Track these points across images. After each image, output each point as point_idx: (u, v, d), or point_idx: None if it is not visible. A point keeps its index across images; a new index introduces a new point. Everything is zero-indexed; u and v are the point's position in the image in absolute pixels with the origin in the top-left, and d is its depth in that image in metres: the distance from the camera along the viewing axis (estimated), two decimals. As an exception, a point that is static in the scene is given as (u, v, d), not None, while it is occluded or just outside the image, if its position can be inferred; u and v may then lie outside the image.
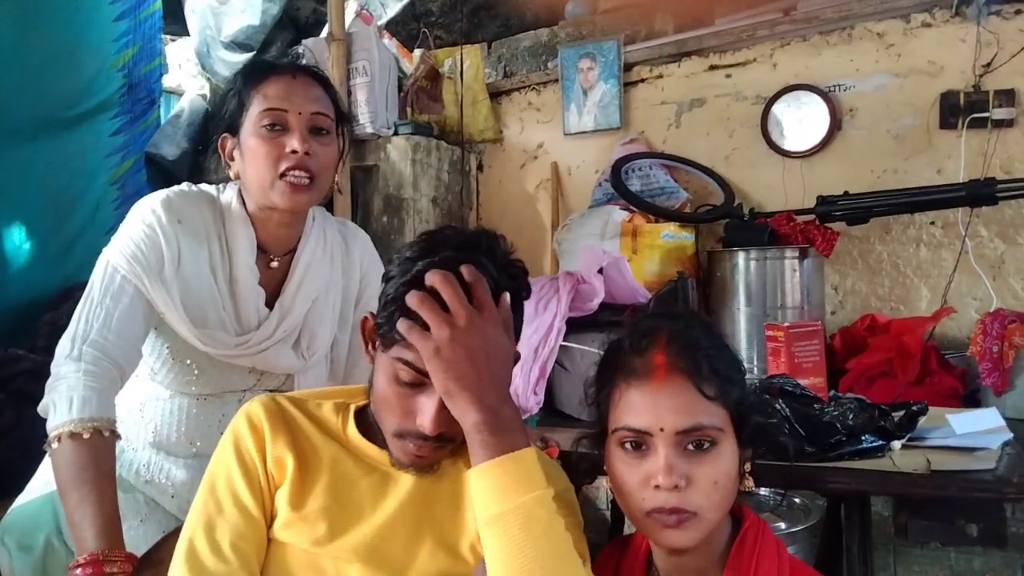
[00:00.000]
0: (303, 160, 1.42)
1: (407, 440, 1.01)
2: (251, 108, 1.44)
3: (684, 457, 0.98)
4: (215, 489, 1.05)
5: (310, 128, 1.45)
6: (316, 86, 1.49)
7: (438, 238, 1.03)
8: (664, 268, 2.65)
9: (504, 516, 0.90)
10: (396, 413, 1.01)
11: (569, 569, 0.91)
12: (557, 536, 0.91)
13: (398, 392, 1.00)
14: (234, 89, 1.47)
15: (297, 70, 1.48)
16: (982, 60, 2.60)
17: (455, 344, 0.92)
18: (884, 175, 2.76)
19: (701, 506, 0.97)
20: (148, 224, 1.44)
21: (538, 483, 0.92)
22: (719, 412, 0.99)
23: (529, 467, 0.92)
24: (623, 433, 1.01)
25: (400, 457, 1.04)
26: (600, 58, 3.19)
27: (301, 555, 1.02)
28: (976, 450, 1.32)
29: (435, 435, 0.99)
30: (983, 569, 2.49)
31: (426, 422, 0.98)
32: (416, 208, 3.15)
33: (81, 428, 1.26)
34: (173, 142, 3.40)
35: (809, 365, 1.55)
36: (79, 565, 1.15)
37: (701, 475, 0.97)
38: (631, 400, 1.00)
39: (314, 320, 1.59)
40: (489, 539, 0.90)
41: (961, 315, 2.61)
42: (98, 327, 1.36)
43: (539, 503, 0.90)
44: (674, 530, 0.98)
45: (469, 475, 0.94)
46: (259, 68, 1.50)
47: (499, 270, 1.01)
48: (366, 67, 3.18)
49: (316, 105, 1.46)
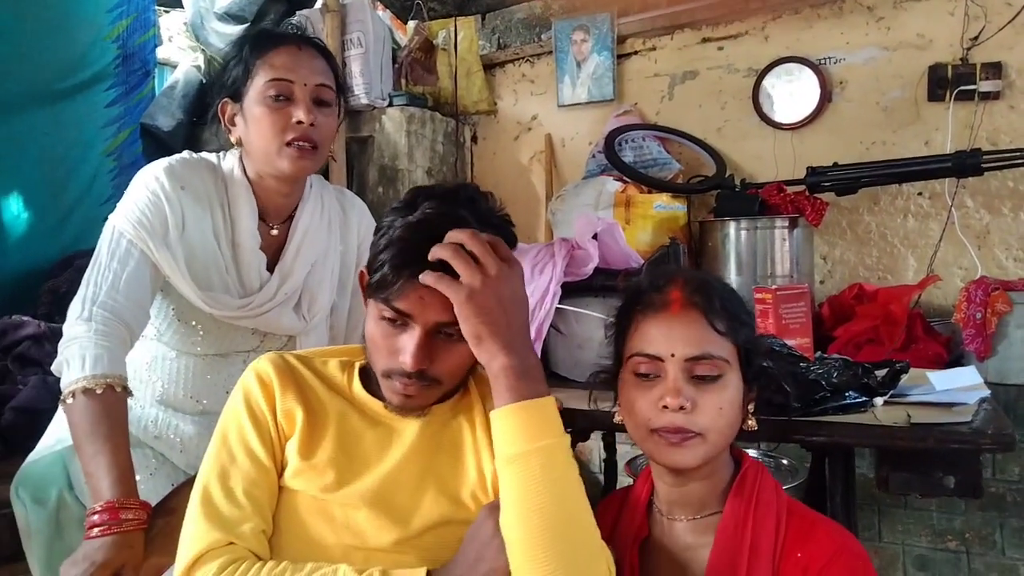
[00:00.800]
0: (307, 131, 1.46)
1: (394, 379, 1.06)
2: (257, 77, 1.47)
3: (692, 383, 1.05)
4: (227, 440, 1.09)
5: (314, 99, 1.48)
6: (320, 58, 1.53)
7: (420, 192, 1.07)
8: (657, 238, 2.69)
9: (526, 456, 0.94)
10: (382, 353, 1.05)
11: (582, 511, 0.96)
12: (573, 480, 0.96)
13: (383, 331, 1.04)
14: (239, 56, 1.50)
15: (303, 42, 1.52)
16: (970, 33, 2.64)
17: (487, 291, 0.96)
18: (873, 147, 2.80)
19: (705, 427, 1.04)
20: (152, 191, 1.47)
21: (558, 430, 0.97)
22: (727, 346, 1.06)
23: (551, 414, 0.97)
24: (637, 359, 1.08)
25: (391, 398, 1.08)
26: (593, 30, 3.21)
27: (311, 502, 1.06)
28: (954, 405, 1.37)
29: (416, 371, 1.02)
30: (963, 528, 2.57)
31: (407, 358, 1.02)
32: (411, 179, 3.18)
33: (94, 384, 1.30)
34: (168, 113, 3.40)
35: (796, 326, 1.60)
36: (96, 512, 1.20)
37: (706, 400, 1.04)
38: (646, 329, 1.08)
39: (314, 283, 1.63)
40: (508, 476, 0.95)
41: (947, 283, 2.67)
42: (106, 289, 1.40)
43: (559, 448, 0.96)
44: (677, 448, 1.04)
45: (493, 415, 0.99)
46: (266, 37, 1.52)
47: (479, 221, 1.04)
48: (360, 38, 3.19)
49: (320, 77, 1.50)
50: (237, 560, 0.98)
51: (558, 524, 0.93)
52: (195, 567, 0.99)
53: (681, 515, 1.13)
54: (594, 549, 0.96)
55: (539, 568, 0.91)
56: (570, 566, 0.92)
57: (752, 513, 1.07)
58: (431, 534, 1.06)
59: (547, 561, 0.91)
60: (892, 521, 2.68)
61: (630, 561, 1.12)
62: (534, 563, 0.92)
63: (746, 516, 1.07)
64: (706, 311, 1.06)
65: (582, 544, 0.95)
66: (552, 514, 0.93)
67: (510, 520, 0.94)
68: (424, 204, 1.03)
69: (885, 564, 2.66)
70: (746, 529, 1.06)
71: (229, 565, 0.98)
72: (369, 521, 1.04)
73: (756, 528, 1.05)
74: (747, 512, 1.07)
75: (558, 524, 0.93)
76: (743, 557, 1.04)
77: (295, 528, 1.05)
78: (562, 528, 0.93)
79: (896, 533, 2.67)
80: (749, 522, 1.06)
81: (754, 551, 1.04)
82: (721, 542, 1.06)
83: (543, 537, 0.92)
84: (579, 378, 1.92)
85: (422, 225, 1.01)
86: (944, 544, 2.61)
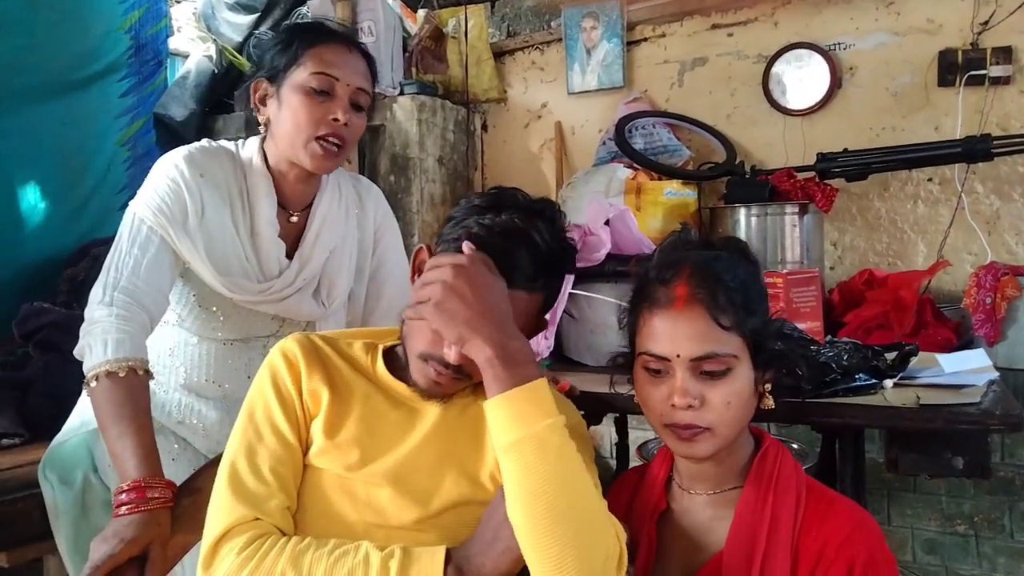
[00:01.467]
0: (340, 129, 1.49)
1: (430, 364, 1.08)
2: (302, 65, 1.48)
3: (699, 380, 1.06)
4: (254, 418, 1.12)
5: (352, 101, 1.51)
6: (364, 62, 1.56)
7: (505, 196, 1.12)
8: (667, 224, 2.70)
9: (519, 443, 0.95)
10: (427, 336, 1.08)
11: (581, 490, 0.97)
12: (569, 460, 0.97)
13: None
14: (287, 41, 1.51)
15: (353, 44, 1.55)
16: (980, 18, 2.64)
17: (448, 295, 0.99)
18: (883, 132, 2.80)
19: (713, 422, 1.06)
20: (172, 178, 1.49)
21: (550, 411, 0.97)
22: (734, 340, 1.06)
23: (541, 396, 0.98)
24: (645, 358, 1.09)
25: (419, 380, 1.11)
26: (603, 17, 3.21)
27: (335, 479, 1.09)
28: (963, 387, 1.39)
29: (457, 364, 1.05)
30: (972, 512, 2.59)
31: (452, 351, 1.04)
32: (422, 167, 3.20)
33: (117, 367, 1.33)
34: (181, 103, 3.42)
35: (807, 310, 1.61)
36: (124, 491, 1.23)
37: (715, 396, 1.06)
38: (653, 327, 1.09)
39: (332, 270, 1.65)
40: (506, 464, 0.97)
41: (956, 269, 2.67)
42: (127, 275, 1.42)
43: (551, 430, 0.96)
44: (688, 442, 1.07)
45: (485, 406, 1.00)
46: (319, 30, 1.54)
47: (552, 238, 1.09)
48: (371, 27, 3.20)
49: (362, 80, 1.53)
50: (263, 535, 1.01)
51: (559, 505, 0.93)
52: (222, 541, 1.01)
53: (700, 490, 1.15)
54: (599, 523, 0.97)
55: (547, 550, 0.93)
56: (577, 544, 0.93)
57: (773, 490, 1.08)
58: (450, 513, 1.08)
59: (552, 543, 0.92)
60: (901, 505, 2.70)
61: (648, 534, 1.14)
62: (540, 546, 0.93)
63: (767, 492, 1.08)
64: (710, 307, 1.05)
65: (586, 520, 0.96)
66: (552, 497, 0.94)
67: (513, 507, 0.96)
68: (508, 211, 1.09)
69: (894, 547, 2.67)
70: (766, 505, 1.07)
71: (255, 540, 1.00)
72: (391, 500, 1.07)
73: (776, 504, 1.07)
74: (768, 489, 1.09)
75: (559, 505, 0.93)
76: (762, 533, 1.06)
77: (319, 505, 1.08)
78: (564, 508, 0.94)
79: (905, 517, 2.69)
80: (769, 498, 1.08)
81: (774, 527, 1.06)
82: (741, 517, 1.08)
83: (546, 520, 0.93)
84: (592, 362, 1.94)
85: (499, 230, 1.07)
86: (953, 528, 2.63)
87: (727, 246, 1.17)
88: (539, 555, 0.93)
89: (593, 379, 1.27)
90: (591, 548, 0.94)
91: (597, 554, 0.95)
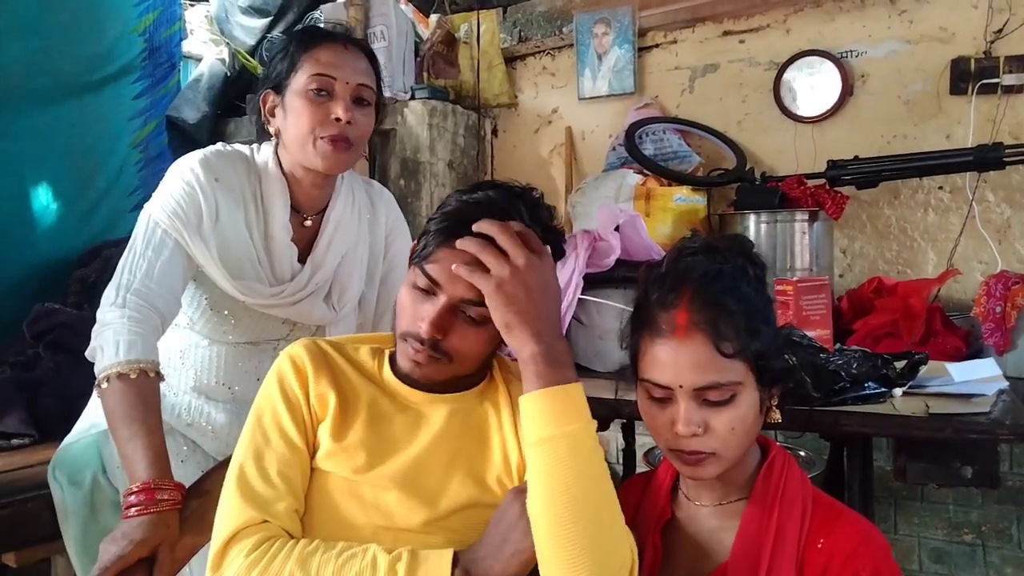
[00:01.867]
0: (344, 128, 1.49)
1: (408, 343, 1.09)
2: (301, 70, 1.49)
3: (702, 407, 1.05)
4: (262, 422, 1.12)
5: (354, 98, 1.51)
6: (364, 58, 1.56)
7: (487, 182, 1.14)
8: (677, 231, 2.70)
9: (553, 439, 0.97)
10: (407, 316, 1.10)
11: (605, 496, 0.98)
12: (599, 464, 0.98)
13: (411, 298, 1.09)
14: (286, 50, 1.53)
15: (349, 41, 1.55)
16: (993, 26, 2.63)
17: (515, 280, 1.00)
18: (894, 140, 2.80)
19: (718, 448, 1.05)
20: (187, 182, 1.50)
21: (585, 415, 0.99)
22: (737, 367, 1.04)
23: (578, 400, 0.99)
24: (648, 385, 1.08)
25: (403, 363, 1.12)
26: (615, 23, 3.22)
27: (342, 483, 1.09)
28: (973, 396, 1.39)
29: (429, 337, 1.06)
30: (980, 521, 2.57)
31: (424, 324, 1.06)
32: (432, 172, 3.20)
33: (128, 369, 1.33)
34: (193, 106, 3.44)
35: (816, 318, 1.61)
36: (133, 492, 1.23)
37: (718, 422, 1.04)
38: (655, 355, 1.07)
39: (344, 275, 1.66)
40: (536, 459, 0.98)
41: (966, 278, 2.66)
42: (140, 277, 1.43)
43: (586, 432, 0.98)
44: (693, 466, 1.07)
45: (521, 400, 1.01)
46: (313, 33, 1.56)
47: (531, 218, 1.09)
48: (383, 32, 3.21)
49: (362, 77, 1.53)
50: (271, 538, 1.02)
51: (583, 506, 0.95)
52: (231, 544, 1.02)
53: (706, 500, 1.14)
54: (618, 532, 0.98)
55: (564, 548, 0.93)
56: (595, 547, 0.94)
57: (778, 502, 1.08)
58: (458, 516, 1.08)
59: (572, 542, 0.93)
60: (908, 514, 2.69)
61: (653, 543, 1.14)
62: (559, 543, 0.94)
63: (772, 503, 1.08)
64: (712, 336, 1.03)
65: (607, 527, 0.97)
66: (577, 496, 0.95)
67: (536, 501, 0.96)
68: (486, 189, 1.11)
69: (901, 556, 2.67)
70: (772, 516, 1.07)
71: (264, 542, 1.01)
72: (398, 502, 1.07)
73: (782, 516, 1.07)
74: (773, 501, 1.08)
75: (583, 506, 0.95)
76: (767, 544, 1.05)
77: (326, 508, 1.08)
78: (587, 510, 0.95)
79: (912, 526, 2.68)
80: (775, 509, 1.07)
81: (779, 538, 1.05)
82: (747, 528, 1.08)
83: (568, 517, 0.94)
84: (600, 368, 1.94)
85: (474, 202, 1.08)
86: (960, 537, 2.62)
87: (732, 247, 1.14)
88: (555, 553, 0.94)
89: (602, 385, 1.27)
90: (608, 554, 0.95)
91: (613, 561, 0.95)
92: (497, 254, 1.02)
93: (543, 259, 1.04)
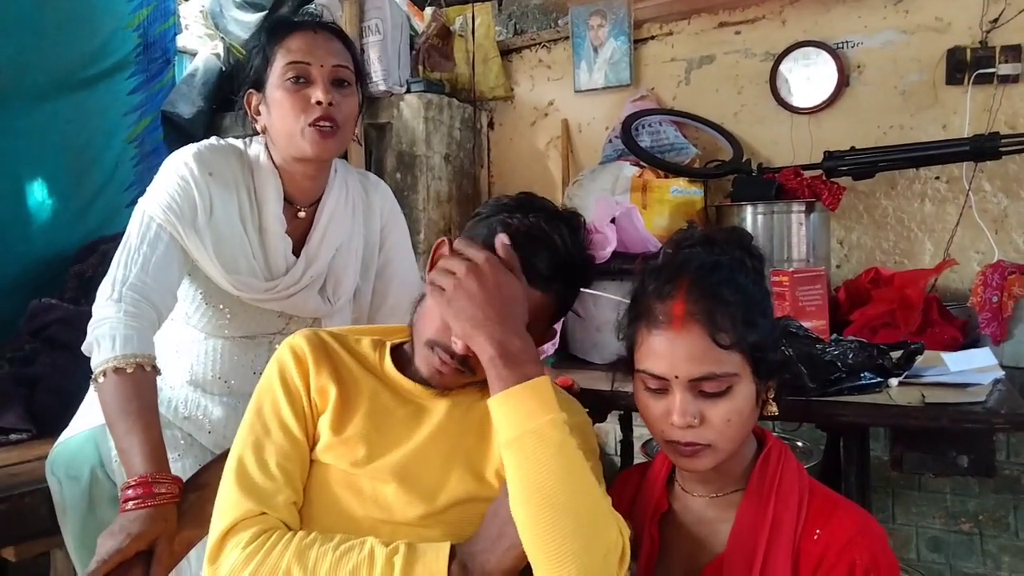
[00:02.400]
0: (328, 111, 1.48)
1: (435, 352, 1.09)
2: (275, 63, 1.50)
3: (698, 399, 1.05)
4: (262, 413, 1.13)
5: (332, 80, 1.51)
6: (336, 40, 1.55)
7: (535, 201, 1.15)
8: (673, 222, 2.70)
9: (520, 439, 0.96)
10: (436, 324, 1.09)
11: (581, 485, 0.97)
12: (569, 455, 0.97)
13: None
14: (258, 46, 1.53)
15: (318, 26, 1.55)
16: (989, 16, 2.63)
17: (457, 292, 1.01)
18: (890, 131, 2.80)
19: (714, 440, 1.05)
20: (181, 176, 1.50)
21: (550, 408, 0.98)
22: (733, 359, 1.04)
23: (541, 394, 0.98)
24: (644, 376, 1.08)
25: (423, 367, 1.12)
26: (610, 15, 3.21)
27: (341, 475, 1.09)
28: (969, 386, 1.39)
29: (461, 355, 1.06)
30: (977, 510, 2.58)
31: (459, 342, 1.05)
32: (429, 165, 3.20)
33: (125, 363, 1.33)
34: (188, 101, 3.43)
35: (812, 308, 1.62)
36: (131, 486, 1.23)
37: (714, 413, 1.04)
38: (652, 345, 1.07)
39: (338, 267, 1.66)
40: (509, 460, 0.97)
41: (963, 268, 2.67)
42: (136, 272, 1.43)
43: (551, 425, 0.97)
44: (689, 458, 1.07)
45: (489, 404, 1.00)
46: (282, 24, 1.56)
47: (573, 246, 1.11)
48: (378, 25, 3.20)
49: (337, 58, 1.52)
50: (269, 530, 1.02)
51: (559, 499, 0.94)
52: (229, 535, 1.02)
53: (702, 492, 1.15)
54: (600, 518, 0.97)
55: (546, 544, 0.93)
56: (577, 538, 0.93)
57: (775, 492, 1.08)
58: (456, 510, 1.08)
59: (552, 537, 0.93)
60: (906, 503, 2.69)
61: (650, 534, 1.14)
62: (540, 540, 0.93)
63: (768, 495, 1.08)
64: (708, 327, 1.03)
65: (586, 515, 0.96)
66: (551, 491, 0.94)
67: (515, 502, 0.96)
68: (534, 212, 1.11)
69: (898, 546, 2.68)
70: (768, 507, 1.07)
71: (261, 535, 1.01)
72: (397, 495, 1.07)
73: (778, 507, 1.07)
74: (770, 491, 1.08)
75: (559, 499, 0.94)
76: (763, 535, 1.05)
77: (325, 500, 1.08)
78: (563, 502, 0.94)
79: (910, 515, 2.69)
80: (771, 500, 1.07)
81: (775, 529, 1.05)
82: (743, 519, 1.08)
83: (546, 514, 0.94)
84: (598, 360, 1.95)
85: (523, 228, 1.09)
86: (958, 526, 2.63)
87: (730, 239, 1.15)
88: (539, 549, 0.94)
89: (599, 377, 1.28)
90: (591, 542, 0.94)
91: (597, 548, 0.95)
92: (442, 273, 1.04)
93: (484, 263, 1.03)
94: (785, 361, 1.13)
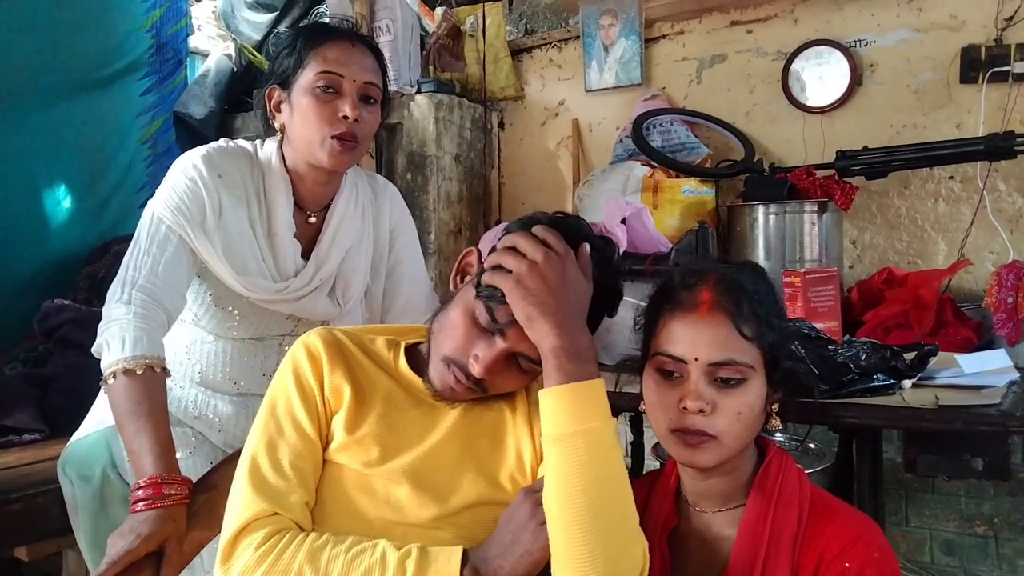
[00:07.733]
0: (352, 127, 1.49)
1: (451, 370, 1.09)
2: (308, 67, 1.49)
3: (713, 386, 1.05)
4: (275, 412, 1.12)
5: (361, 96, 1.51)
6: (371, 56, 1.56)
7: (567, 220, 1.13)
8: (685, 222, 2.69)
9: (571, 436, 0.96)
10: (457, 343, 1.09)
11: (622, 496, 0.97)
12: (616, 463, 0.97)
13: (467, 326, 1.08)
14: (293, 46, 1.53)
15: (356, 38, 1.55)
16: (1004, 14, 2.60)
17: (532, 274, 1.00)
18: (904, 130, 2.77)
19: (722, 431, 1.05)
20: (190, 178, 1.50)
21: (605, 413, 0.98)
22: (752, 351, 1.06)
23: (599, 397, 0.98)
24: (661, 358, 1.08)
25: (435, 380, 1.12)
26: (621, 14, 3.20)
27: (354, 476, 1.09)
28: (983, 388, 1.38)
29: (479, 377, 1.06)
30: (992, 513, 2.56)
31: (478, 365, 1.06)
32: (439, 165, 3.20)
33: (134, 364, 1.34)
34: (200, 101, 3.45)
35: (825, 309, 1.60)
36: (140, 487, 1.24)
37: (726, 404, 1.05)
38: (673, 329, 1.08)
39: (348, 270, 1.66)
40: (553, 455, 0.97)
41: (977, 268, 2.64)
42: (145, 273, 1.43)
43: (605, 430, 0.97)
44: (694, 449, 1.06)
45: (541, 394, 1.00)
46: (321, 30, 1.56)
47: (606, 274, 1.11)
48: (389, 26, 3.21)
49: (369, 74, 1.53)
50: (282, 530, 1.02)
51: (598, 505, 0.94)
52: (241, 535, 1.02)
53: (708, 507, 1.14)
54: (631, 534, 0.97)
55: (577, 547, 0.93)
56: (607, 547, 0.93)
57: (773, 507, 1.08)
58: (468, 513, 1.08)
59: (585, 541, 0.93)
60: (920, 506, 2.67)
61: (660, 549, 1.13)
62: (572, 541, 0.93)
63: (766, 510, 1.08)
64: (734, 315, 1.05)
65: (620, 528, 0.96)
66: (593, 495, 0.94)
67: (552, 498, 0.96)
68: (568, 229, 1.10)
69: (912, 549, 2.66)
70: (766, 523, 1.07)
71: (274, 535, 1.01)
72: (409, 497, 1.07)
73: (776, 522, 1.07)
74: (768, 506, 1.08)
75: (598, 505, 0.94)
76: (762, 549, 1.05)
77: (337, 501, 1.08)
78: (602, 510, 0.94)
79: (924, 518, 2.67)
80: (769, 516, 1.07)
81: (773, 545, 1.05)
82: (743, 536, 1.08)
83: (583, 517, 0.93)
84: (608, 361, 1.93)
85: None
86: (972, 529, 2.61)
87: (744, 266, 1.18)
88: (568, 550, 0.93)
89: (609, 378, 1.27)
90: (621, 553, 0.95)
91: (625, 561, 0.95)
92: (515, 254, 1.03)
93: (563, 256, 1.03)
94: (794, 372, 1.13)
